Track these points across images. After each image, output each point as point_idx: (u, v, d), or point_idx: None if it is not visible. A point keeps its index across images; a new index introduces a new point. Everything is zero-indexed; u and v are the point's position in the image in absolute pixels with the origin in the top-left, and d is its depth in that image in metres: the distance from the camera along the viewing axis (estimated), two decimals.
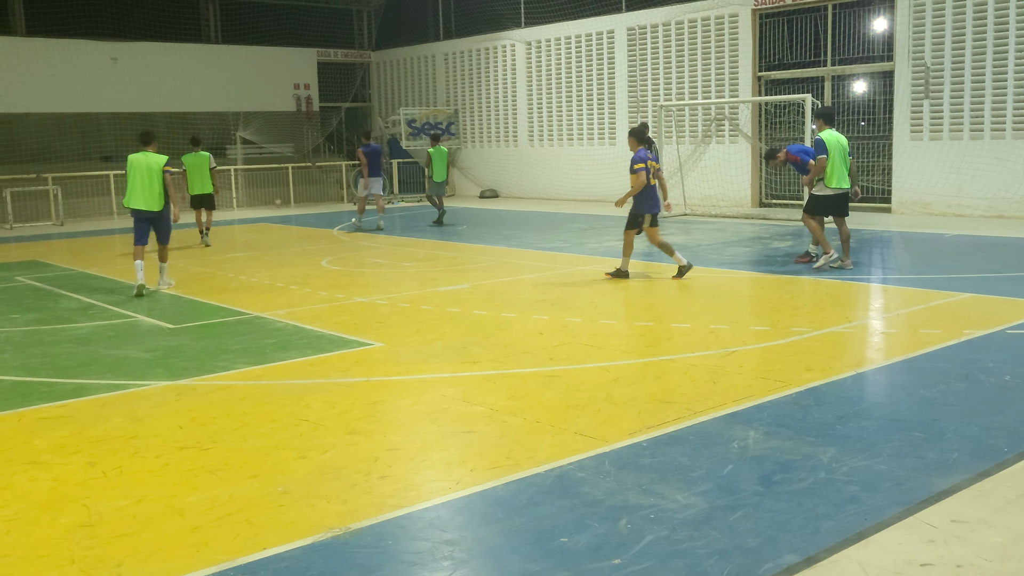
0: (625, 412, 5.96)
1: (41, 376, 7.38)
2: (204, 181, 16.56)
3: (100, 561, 4.04)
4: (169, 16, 26.96)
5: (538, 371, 7.09)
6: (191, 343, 8.47)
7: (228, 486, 4.88)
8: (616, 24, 23.42)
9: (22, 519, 4.54)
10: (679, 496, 4.57)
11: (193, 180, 16.53)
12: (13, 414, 6.35)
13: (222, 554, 4.07)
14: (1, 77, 23.41)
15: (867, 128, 19.56)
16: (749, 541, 4.05)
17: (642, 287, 11.05)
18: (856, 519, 4.25)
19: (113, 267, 13.92)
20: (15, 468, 5.27)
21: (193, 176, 16.53)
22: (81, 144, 24.76)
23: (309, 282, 11.84)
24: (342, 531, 4.28)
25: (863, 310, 9.36)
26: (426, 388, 6.71)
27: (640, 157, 11.09)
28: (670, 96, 22.24)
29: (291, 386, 6.86)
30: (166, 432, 5.84)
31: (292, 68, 28.49)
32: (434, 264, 13.28)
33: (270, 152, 27.30)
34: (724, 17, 21.08)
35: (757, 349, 7.60)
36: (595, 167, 23.85)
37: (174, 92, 25.92)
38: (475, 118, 27.73)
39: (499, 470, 5.00)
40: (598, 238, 15.86)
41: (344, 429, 5.79)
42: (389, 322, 9.13)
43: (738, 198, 20.75)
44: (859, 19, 19.31)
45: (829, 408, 5.97)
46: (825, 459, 5.03)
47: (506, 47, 26.41)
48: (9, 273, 13.55)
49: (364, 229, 18.36)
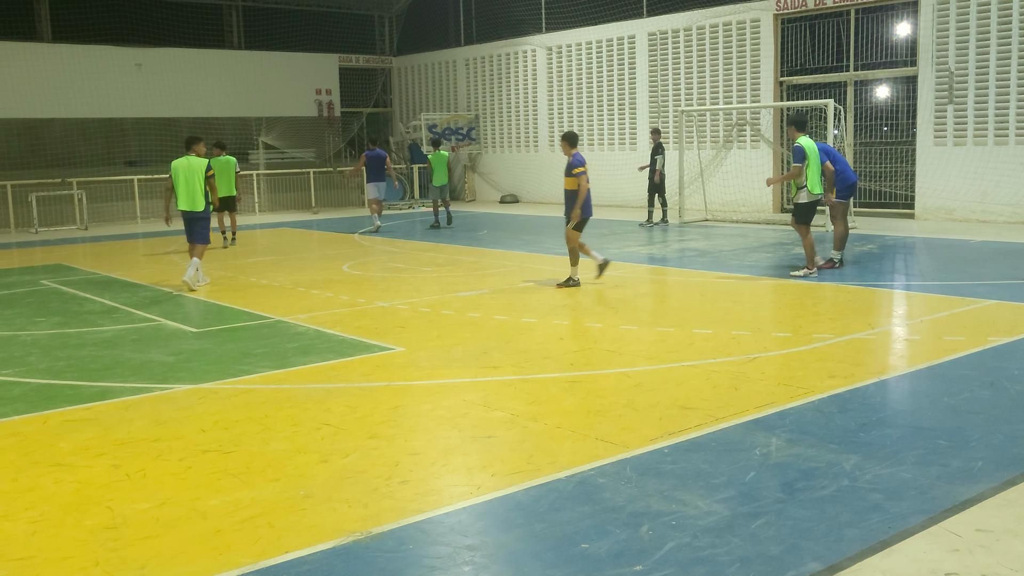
0: (646, 418, 5.95)
1: (66, 379, 7.45)
2: (229, 184, 16.79)
3: (124, 563, 4.07)
4: (193, 22, 27.20)
5: (559, 376, 7.09)
6: (214, 347, 8.52)
7: (250, 489, 4.91)
8: (637, 29, 23.41)
9: (47, 521, 4.58)
10: (701, 503, 4.55)
11: (221, 182, 16.75)
12: (39, 416, 6.41)
13: (244, 557, 4.10)
14: (28, 83, 23.68)
15: (890, 133, 19.44)
16: (771, 549, 4.03)
17: (663, 293, 11.01)
18: (879, 527, 4.22)
19: (137, 271, 14.03)
20: (40, 470, 5.32)
21: (221, 179, 16.76)
22: (105, 149, 25.00)
23: (330, 286, 11.89)
24: (363, 535, 4.29)
25: (886, 317, 9.29)
26: (447, 393, 6.72)
27: (579, 161, 11.10)
28: (691, 101, 22.20)
29: (313, 390, 6.89)
30: (189, 435, 5.88)
31: (314, 73, 28.66)
32: (454, 269, 13.30)
33: (292, 157, 27.46)
34: (746, 22, 21.02)
35: (779, 355, 7.56)
36: (616, 172, 23.81)
37: (197, 97, 26.14)
38: (496, 123, 27.77)
39: (520, 475, 5.00)
40: (618, 243, 15.84)
41: (365, 433, 5.81)
42: (410, 327, 9.16)
43: (760, 203, 20.66)
44: (882, 24, 19.20)
45: (852, 415, 5.93)
46: (848, 467, 5.00)
47: (527, 52, 26.44)
48: (34, 277, 13.68)
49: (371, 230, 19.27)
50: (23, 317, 10.32)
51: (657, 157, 18.79)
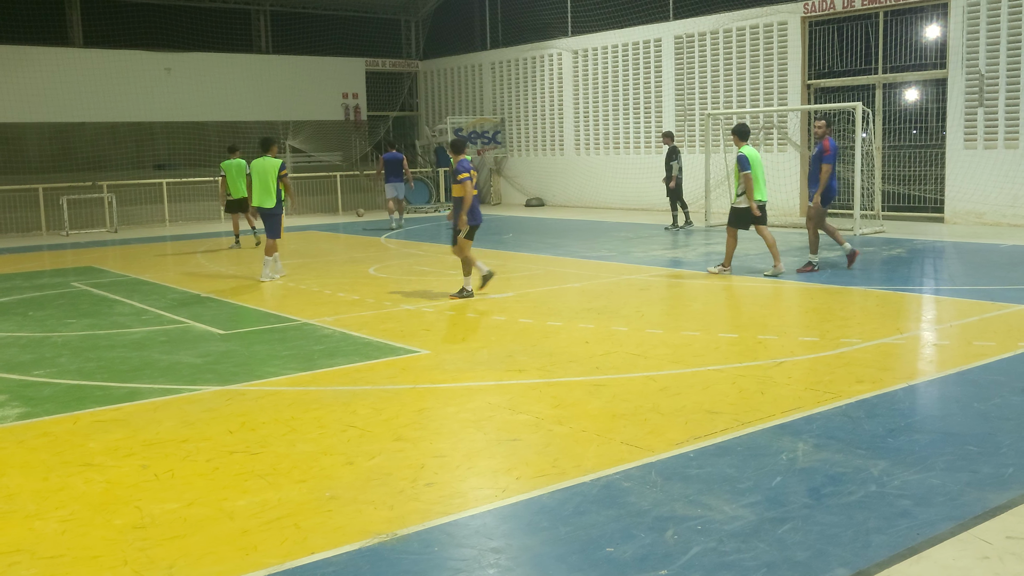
0: (672, 422, 5.93)
1: (96, 380, 7.53)
2: (242, 186, 17.18)
3: (152, 562, 4.11)
4: (221, 27, 27.44)
5: (584, 380, 7.08)
6: (241, 349, 8.58)
7: (277, 490, 4.94)
8: (664, 32, 23.35)
9: (77, 520, 4.63)
10: (727, 507, 4.53)
11: (234, 185, 17.18)
12: (69, 417, 6.49)
13: (271, 558, 4.12)
14: (59, 87, 23.98)
15: (919, 136, 19.26)
16: (798, 554, 4.00)
17: (688, 296, 10.97)
18: (908, 534, 4.18)
19: (166, 273, 14.16)
20: (71, 470, 5.38)
21: (233, 180, 17.24)
22: (135, 153, 25.27)
23: (356, 289, 11.95)
24: (389, 537, 4.30)
25: (915, 321, 9.21)
26: (472, 396, 6.73)
27: (464, 167, 10.88)
28: (718, 104, 22.11)
29: (339, 392, 6.92)
30: (216, 436, 5.92)
31: (341, 77, 28.81)
32: (479, 272, 13.28)
33: (319, 161, 27.61)
34: (773, 25, 20.91)
35: (806, 360, 7.51)
36: (642, 176, 23.76)
37: (226, 101, 26.36)
38: (521, 127, 27.79)
39: (545, 478, 5.00)
40: (644, 247, 15.80)
41: (391, 436, 5.83)
42: (435, 330, 9.18)
43: (786, 207, 20.53)
44: (911, 26, 19.04)
45: (880, 420, 5.88)
46: (876, 472, 4.96)
47: (553, 56, 26.45)
48: (65, 279, 13.84)
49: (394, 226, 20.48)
50: (54, 318, 10.45)
51: (672, 163, 18.75)
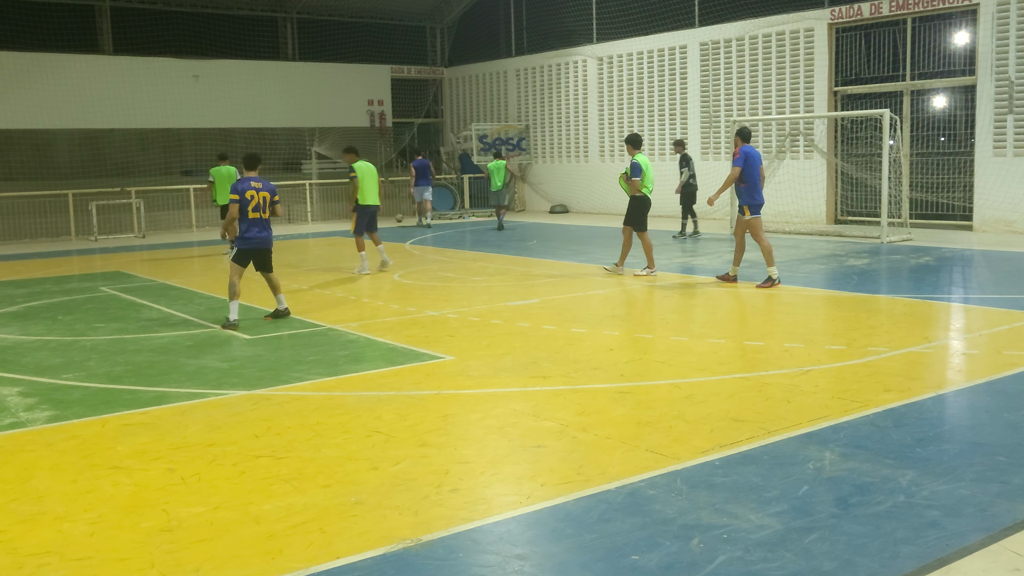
0: (697, 430, 5.90)
1: (124, 384, 7.60)
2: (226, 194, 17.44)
3: (179, 565, 4.14)
4: (249, 35, 27.70)
5: (609, 387, 7.06)
6: (267, 354, 8.64)
7: (302, 495, 4.96)
8: (689, 39, 23.30)
9: (105, 522, 4.67)
10: (753, 516, 4.50)
11: (221, 191, 17.51)
12: (97, 420, 6.55)
13: (296, 562, 4.14)
14: (89, 94, 24.27)
15: (947, 144, 19.09)
16: (825, 564, 3.97)
17: (714, 304, 10.92)
18: (937, 545, 4.13)
19: (192, 278, 14.28)
20: (99, 472, 5.43)
21: (221, 188, 17.52)
22: (163, 159, 25.52)
23: (381, 295, 11.98)
24: (413, 542, 4.31)
25: (943, 330, 9.12)
26: (496, 402, 6.74)
27: (236, 188, 10.12)
28: (743, 111, 22.03)
29: (363, 398, 6.94)
30: (242, 440, 5.96)
31: (366, 84, 28.97)
32: (504, 279, 13.33)
33: (344, 167, 27.72)
34: (799, 31, 20.82)
35: (833, 368, 7.46)
36: (667, 183, 23.66)
37: (252, 108, 26.58)
38: (546, 133, 27.81)
39: (569, 485, 4.99)
40: (668, 254, 15.75)
41: (415, 441, 5.84)
42: (459, 336, 9.19)
43: (813, 214, 20.42)
44: (940, 32, 18.89)
45: (908, 430, 5.82)
46: (904, 482, 4.91)
47: (578, 63, 26.46)
48: (94, 283, 13.99)
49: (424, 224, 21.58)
50: (83, 323, 10.56)
51: (683, 169, 18.70)
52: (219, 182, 17.51)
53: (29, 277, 15.03)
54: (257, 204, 10.10)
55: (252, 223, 10.14)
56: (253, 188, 10.12)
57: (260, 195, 10.11)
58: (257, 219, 10.13)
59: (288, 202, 26.21)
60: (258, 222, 10.15)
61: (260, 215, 10.13)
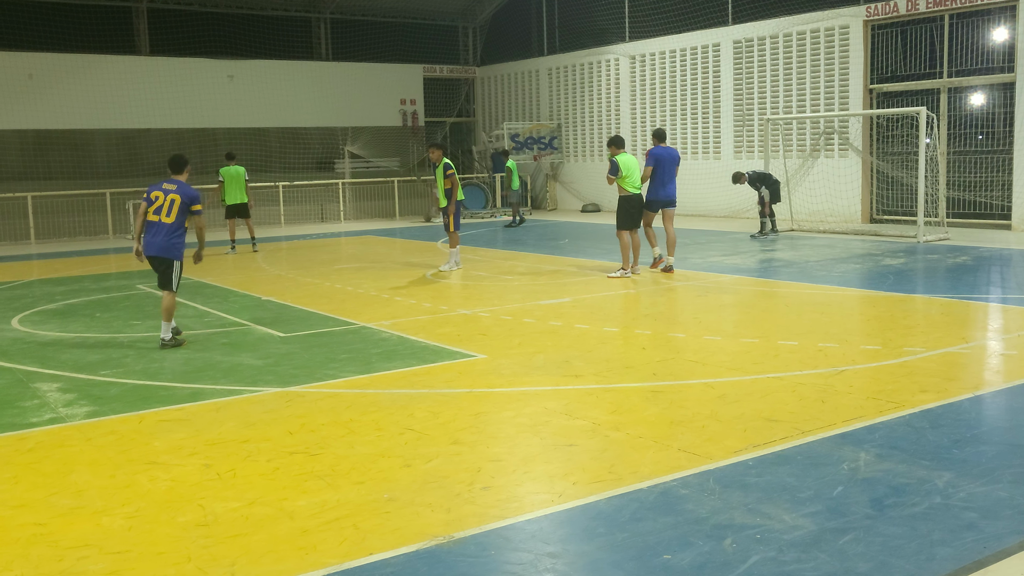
0: (730, 430, 5.87)
1: (160, 380, 7.70)
2: (239, 192, 17.88)
3: (215, 560, 4.19)
4: (282, 35, 27.91)
5: (641, 386, 7.05)
6: (301, 351, 8.70)
7: (336, 491, 5.00)
8: (722, 37, 23.16)
9: (142, 517, 4.74)
10: (786, 517, 4.47)
11: (229, 191, 17.85)
12: (134, 416, 6.64)
13: (330, 558, 4.17)
14: (126, 95, 24.58)
15: (985, 142, 18.82)
16: (860, 566, 3.94)
17: (747, 303, 10.86)
18: (974, 547, 4.09)
19: (226, 276, 14.42)
20: (136, 468, 5.51)
21: (230, 187, 17.85)
22: (198, 158, 25.75)
23: (413, 294, 12.04)
24: (446, 539, 4.33)
25: (981, 330, 9.00)
26: (528, 401, 6.74)
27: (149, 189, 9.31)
28: (777, 109, 21.86)
29: (396, 395, 6.98)
30: (277, 437, 6.01)
31: (399, 84, 29.08)
32: (536, 277, 13.33)
33: (376, 166, 27.90)
34: (834, 28, 20.62)
35: (868, 369, 7.39)
36: (699, 181, 23.58)
37: (286, 108, 26.78)
38: (578, 132, 27.77)
39: (601, 484, 4.98)
40: (701, 253, 15.67)
41: (448, 439, 5.86)
42: (491, 334, 9.21)
43: (847, 213, 20.22)
44: (978, 29, 18.62)
45: (945, 431, 5.76)
46: (941, 484, 4.85)
47: (610, 61, 26.39)
48: (130, 281, 14.17)
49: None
50: (120, 320, 10.70)
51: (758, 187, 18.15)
52: (228, 181, 17.82)
53: (68, 275, 15.26)
54: (160, 207, 9.04)
55: (148, 226, 9.11)
56: (163, 190, 9.12)
57: (168, 198, 9.05)
58: (155, 223, 9.05)
59: (321, 201, 26.42)
60: (154, 226, 9.06)
61: (159, 219, 9.02)
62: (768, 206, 18.03)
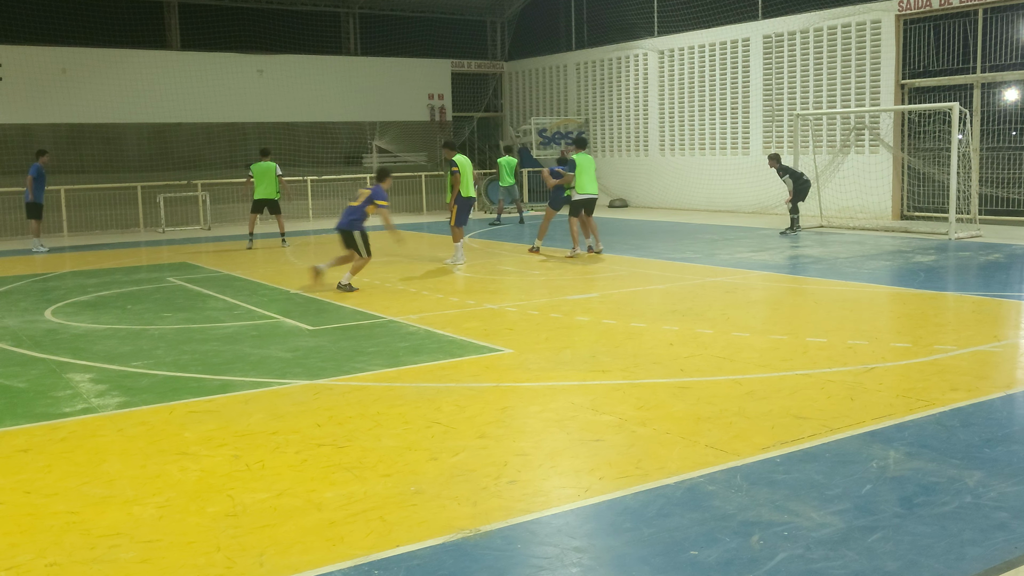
0: (758, 426, 5.85)
1: (191, 372, 7.77)
2: (270, 187, 17.94)
3: (244, 550, 4.23)
4: (312, 30, 28.05)
5: (668, 382, 7.03)
6: (329, 344, 8.76)
7: (363, 484, 5.03)
8: (752, 32, 23.00)
9: (172, 506, 4.79)
10: (814, 514, 4.45)
11: (260, 185, 17.90)
12: (165, 407, 6.71)
13: (357, 549, 4.20)
14: (158, 89, 24.81)
15: (1019, 138, 18.57)
16: (888, 564, 3.91)
17: (776, 300, 10.79)
18: (1005, 547, 4.05)
19: (256, 270, 14.52)
20: (167, 458, 5.57)
21: (261, 182, 17.91)
22: (228, 152, 25.97)
23: (440, 288, 12.07)
24: (472, 533, 4.34)
25: (1013, 328, 8.89)
26: (555, 395, 6.75)
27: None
28: (807, 105, 21.69)
29: (423, 389, 7.01)
30: (305, 429, 6.06)
31: (427, 78, 29.14)
32: (563, 273, 13.32)
33: (404, 161, 27.97)
34: (866, 23, 20.42)
35: (898, 366, 7.32)
36: (728, 177, 23.46)
37: (315, 102, 26.91)
38: (606, 127, 27.70)
39: (628, 479, 4.98)
40: (730, 249, 15.59)
41: (474, 433, 5.88)
42: (518, 329, 9.22)
43: (878, 210, 20.03)
44: (1012, 23, 18.37)
45: (976, 430, 5.70)
46: (971, 483, 4.81)
47: (638, 56, 26.29)
48: (161, 274, 14.31)
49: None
50: (151, 312, 10.82)
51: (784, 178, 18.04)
52: (258, 176, 17.91)
53: (100, 267, 15.44)
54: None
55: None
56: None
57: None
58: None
59: (349, 196, 26.52)
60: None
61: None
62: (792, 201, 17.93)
